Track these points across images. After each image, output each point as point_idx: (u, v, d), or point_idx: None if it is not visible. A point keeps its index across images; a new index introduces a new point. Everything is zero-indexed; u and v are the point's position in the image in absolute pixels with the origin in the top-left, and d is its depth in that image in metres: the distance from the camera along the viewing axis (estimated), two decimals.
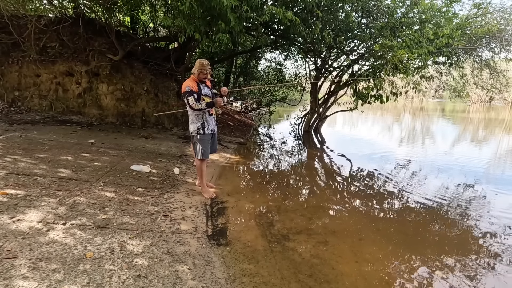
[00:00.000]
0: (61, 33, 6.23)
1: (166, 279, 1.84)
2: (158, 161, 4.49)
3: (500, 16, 6.76)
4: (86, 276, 1.74)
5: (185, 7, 4.20)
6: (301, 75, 11.07)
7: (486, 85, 8.45)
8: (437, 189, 4.53)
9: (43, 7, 6.54)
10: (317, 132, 9.40)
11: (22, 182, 2.98)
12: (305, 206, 3.62)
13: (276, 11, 4.56)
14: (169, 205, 3.02)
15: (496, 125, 14.87)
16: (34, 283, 1.62)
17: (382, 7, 5.90)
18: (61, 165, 3.63)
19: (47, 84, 6.73)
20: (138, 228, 2.42)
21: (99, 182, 3.30)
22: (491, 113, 22.00)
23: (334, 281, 2.17)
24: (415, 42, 5.44)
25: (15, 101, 6.70)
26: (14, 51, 6.43)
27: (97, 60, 6.56)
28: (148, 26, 8.81)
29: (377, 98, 6.76)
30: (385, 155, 6.87)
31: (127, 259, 1.97)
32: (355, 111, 7.70)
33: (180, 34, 4.91)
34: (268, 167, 5.51)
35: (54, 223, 2.30)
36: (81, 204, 2.69)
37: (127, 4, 5.81)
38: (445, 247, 2.82)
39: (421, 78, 6.99)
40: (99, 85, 6.80)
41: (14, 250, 1.89)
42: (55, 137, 5.01)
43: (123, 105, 6.94)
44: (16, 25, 5.96)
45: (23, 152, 3.94)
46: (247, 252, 2.43)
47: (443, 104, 31.22)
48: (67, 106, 6.85)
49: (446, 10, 6.40)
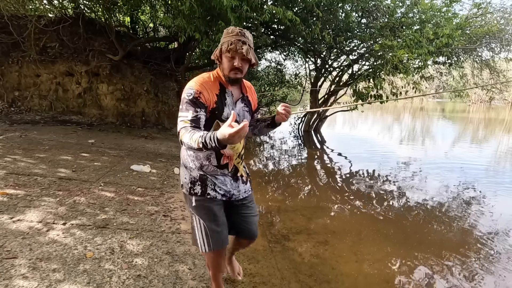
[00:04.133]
0: (61, 33, 6.23)
1: (166, 279, 1.84)
2: (158, 161, 4.49)
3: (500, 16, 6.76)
4: (86, 276, 1.74)
5: (185, 7, 4.20)
6: (301, 75, 11.07)
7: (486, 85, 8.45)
8: (437, 189, 4.53)
9: (43, 7, 6.54)
10: (317, 132, 9.41)
11: (22, 182, 2.98)
12: (305, 206, 3.62)
13: (276, 11, 4.56)
14: (169, 205, 3.02)
15: (496, 125, 14.86)
16: (34, 283, 1.62)
17: (382, 7, 5.90)
18: (61, 165, 3.63)
19: (47, 84, 6.73)
20: (138, 228, 2.42)
21: (99, 182, 3.30)
22: (491, 113, 21.99)
23: (334, 281, 2.17)
24: (415, 42, 5.44)
25: (15, 101, 6.70)
26: (14, 51, 6.42)
27: (97, 60, 6.56)
28: (148, 26, 8.81)
29: (377, 98, 6.76)
30: (385, 155, 6.87)
31: (127, 259, 1.97)
32: (355, 111, 7.70)
33: (180, 34, 4.91)
34: (268, 167, 5.51)
35: (54, 223, 2.30)
36: (81, 204, 2.68)
37: (127, 4, 5.81)
38: (445, 246, 2.82)
39: (421, 78, 6.99)
40: (99, 85, 6.79)
41: (14, 250, 1.88)
42: (55, 137, 5.01)
43: (123, 105, 6.94)
44: (16, 25, 5.95)
45: (23, 152, 3.94)
46: (247, 252, 2.42)
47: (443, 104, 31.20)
48: (67, 106, 6.85)
49: (446, 10, 6.40)
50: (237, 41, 1.31)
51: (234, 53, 1.32)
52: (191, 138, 1.13)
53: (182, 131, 1.21)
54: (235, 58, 1.34)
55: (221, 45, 1.37)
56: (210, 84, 1.38)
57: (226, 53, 1.34)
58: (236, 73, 1.37)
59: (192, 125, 1.24)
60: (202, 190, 1.46)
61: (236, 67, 1.35)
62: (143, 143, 5.48)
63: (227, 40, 1.34)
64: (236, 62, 1.34)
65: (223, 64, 1.39)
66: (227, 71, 1.38)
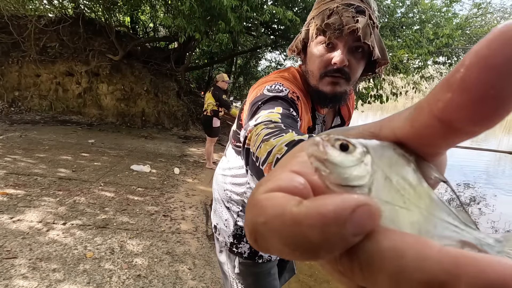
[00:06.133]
0: (61, 33, 6.23)
1: (166, 279, 1.84)
2: (158, 161, 4.49)
3: (500, 16, 6.77)
4: (86, 276, 1.74)
5: (185, 7, 4.20)
6: None
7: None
8: (436, 189, 4.53)
9: (43, 7, 6.54)
10: None
11: (22, 182, 2.98)
12: None
13: (276, 11, 4.56)
14: (169, 205, 3.02)
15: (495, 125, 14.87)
16: (34, 283, 1.62)
17: (382, 7, 5.90)
18: (61, 165, 3.63)
19: (47, 84, 6.73)
20: (138, 228, 2.42)
21: (99, 182, 3.30)
22: None
23: (334, 281, 2.17)
24: (415, 42, 5.44)
25: (15, 101, 6.70)
26: (14, 51, 6.42)
27: (97, 60, 6.56)
28: (148, 26, 8.82)
29: (377, 98, 6.77)
30: None
31: (127, 259, 1.97)
32: (355, 111, 7.71)
33: (180, 34, 4.91)
34: None
35: (54, 223, 2.30)
36: (81, 204, 2.68)
37: (127, 4, 5.81)
38: None
39: (421, 78, 7.00)
40: (99, 85, 6.80)
41: (14, 250, 1.88)
42: (55, 137, 5.01)
43: (123, 105, 6.94)
44: (16, 25, 5.96)
45: (23, 152, 3.94)
46: None
47: None
48: (67, 106, 6.85)
49: (446, 10, 6.40)
50: (343, 10, 0.64)
51: (334, 33, 0.64)
52: (277, 139, 0.41)
53: (259, 128, 0.48)
54: (337, 46, 0.67)
55: (310, 22, 0.72)
56: (303, 96, 0.73)
57: (319, 36, 0.68)
58: (335, 81, 0.69)
59: (283, 121, 0.52)
60: (252, 250, 0.91)
61: (337, 64, 0.66)
62: (143, 143, 5.48)
63: (324, 10, 0.68)
64: (336, 54, 0.66)
65: (310, 61, 0.72)
66: (317, 75, 0.70)
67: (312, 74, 0.72)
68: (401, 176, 0.15)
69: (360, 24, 0.62)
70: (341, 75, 0.68)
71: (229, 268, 0.97)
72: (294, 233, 0.12)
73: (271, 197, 0.14)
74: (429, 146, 0.15)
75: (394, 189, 0.14)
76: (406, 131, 0.15)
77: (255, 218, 0.13)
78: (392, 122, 0.16)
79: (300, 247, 0.12)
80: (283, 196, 0.13)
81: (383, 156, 0.15)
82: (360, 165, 0.14)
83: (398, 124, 0.15)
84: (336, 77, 0.68)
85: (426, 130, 0.14)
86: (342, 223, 0.11)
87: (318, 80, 0.70)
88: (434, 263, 0.11)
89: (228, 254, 0.95)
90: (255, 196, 0.14)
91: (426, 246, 0.11)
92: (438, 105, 0.13)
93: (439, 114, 0.13)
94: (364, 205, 0.12)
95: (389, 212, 0.14)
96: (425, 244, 0.11)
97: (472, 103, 0.12)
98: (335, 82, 0.69)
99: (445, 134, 0.14)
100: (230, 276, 0.97)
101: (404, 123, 0.15)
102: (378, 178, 0.14)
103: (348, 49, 0.66)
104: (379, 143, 0.16)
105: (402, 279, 0.11)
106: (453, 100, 0.12)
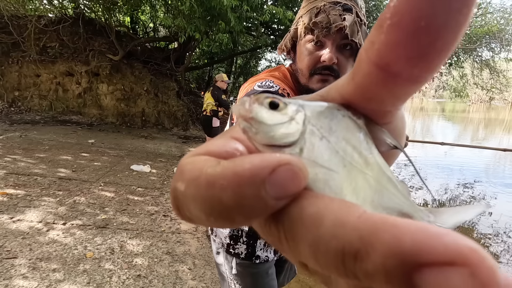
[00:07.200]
0: (61, 33, 6.23)
1: (166, 279, 1.84)
2: (158, 161, 4.49)
3: (500, 16, 6.77)
4: (86, 276, 1.74)
5: (185, 7, 4.20)
6: None
7: (486, 85, 8.47)
8: (437, 189, 4.53)
9: (43, 7, 6.55)
10: None
11: (22, 182, 2.98)
12: None
13: (276, 11, 4.57)
14: (169, 205, 3.02)
15: (496, 125, 14.87)
16: (34, 283, 1.62)
17: (382, 7, 5.90)
18: (61, 165, 3.63)
19: (47, 84, 6.73)
20: (138, 228, 2.42)
21: (99, 182, 3.30)
22: (491, 113, 22.00)
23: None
24: None
25: (15, 101, 6.70)
26: (14, 51, 6.42)
27: (97, 60, 6.56)
28: (148, 26, 8.82)
29: None
30: None
31: (127, 259, 1.97)
32: None
33: (180, 34, 4.92)
34: None
35: (54, 223, 2.30)
36: (81, 204, 2.68)
37: (127, 4, 5.81)
38: None
39: None
40: (99, 85, 6.80)
41: (14, 250, 1.88)
42: (55, 137, 5.01)
43: (123, 105, 6.94)
44: (16, 25, 5.96)
45: (23, 152, 3.94)
46: None
47: (443, 104, 31.23)
48: (67, 106, 6.85)
49: None
50: (330, 8, 0.66)
51: (322, 31, 0.66)
52: None
53: None
54: (325, 44, 0.68)
55: (298, 21, 0.75)
56: (294, 95, 0.75)
57: (307, 34, 0.70)
58: (324, 78, 0.71)
59: None
60: (248, 251, 0.91)
61: (326, 62, 0.68)
62: (143, 143, 5.48)
63: (311, 8, 0.69)
64: (325, 52, 0.68)
65: (299, 60, 0.74)
66: (306, 73, 0.72)
67: (301, 72, 0.74)
68: (344, 138, 0.14)
69: (347, 22, 0.64)
70: (330, 73, 0.69)
71: (226, 269, 0.97)
72: (208, 196, 0.11)
73: (194, 161, 0.13)
74: (373, 100, 0.14)
75: (333, 151, 0.13)
76: (350, 87, 0.14)
77: (175, 183, 0.13)
78: (338, 82, 0.15)
79: (214, 211, 0.11)
80: (205, 159, 0.13)
81: (322, 116, 0.14)
82: (290, 123, 0.13)
83: (342, 81, 0.15)
84: (326, 75, 0.70)
85: (366, 79, 0.13)
86: (259, 184, 0.10)
87: (308, 78, 0.72)
88: (351, 229, 0.09)
89: (225, 255, 0.96)
90: (181, 161, 0.13)
91: (346, 212, 0.10)
92: (373, 49, 0.12)
93: (375, 59, 0.12)
94: (285, 164, 0.11)
95: (323, 175, 0.12)
96: (346, 210, 0.10)
97: (404, 38, 0.11)
98: (325, 80, 0.70)
99: (385, 81, 0.12)
100: (228, 277, 0.98)
101: (347, 79, 0.14)
102: (312, 139, 0.13)
103: (337, 47, 0.68)
104: (321, 104, 0.14)
105: (320, 248, 0.10)
106: (386, 40, 0.11)
